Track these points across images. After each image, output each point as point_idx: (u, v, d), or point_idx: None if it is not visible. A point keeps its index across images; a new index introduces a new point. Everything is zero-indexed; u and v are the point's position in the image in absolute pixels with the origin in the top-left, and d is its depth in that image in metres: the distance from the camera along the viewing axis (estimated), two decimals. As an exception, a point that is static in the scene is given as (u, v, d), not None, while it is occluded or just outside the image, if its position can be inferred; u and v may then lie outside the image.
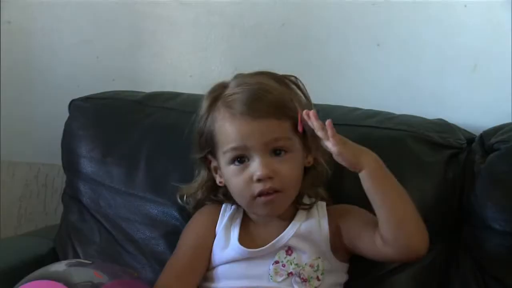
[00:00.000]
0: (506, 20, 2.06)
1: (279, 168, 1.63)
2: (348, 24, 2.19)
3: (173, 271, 1.73)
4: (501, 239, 1.78)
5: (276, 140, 1.65)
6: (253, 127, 1.63)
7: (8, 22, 2.40)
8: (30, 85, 2.40)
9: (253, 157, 1.63)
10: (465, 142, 1.94)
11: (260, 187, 1.62)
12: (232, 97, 1.66)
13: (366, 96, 2.02)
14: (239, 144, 1.64)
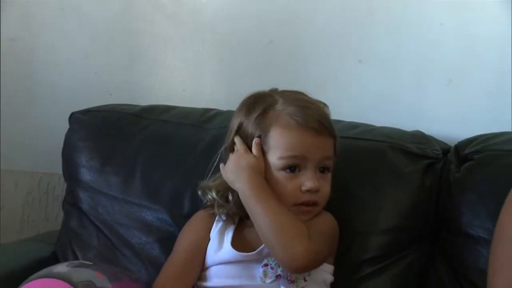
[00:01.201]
0: (479, 38, 2.08)
1: (322, 184, 1.66)
2: (332, 42, 2.20)
3: (170, 273, 1.74)
4: (475, 244, 1.79)
5: (328, 159, 1.69)
6: (317, 141, 1.66)
7: (13, 39, 2.40)
8: (32, 98, 2.41)
9: (306, 169, 1.65)
10: (441, 152, 1.95)
11: (307, 197, 1.65)
12: (294, 108, 1.67)
13: (348, 109, 2.02)
14: (301, 153, 1.65)
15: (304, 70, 2.17)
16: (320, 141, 1.65)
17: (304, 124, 1.63)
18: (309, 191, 1.64)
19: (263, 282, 1.66)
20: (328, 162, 1.68)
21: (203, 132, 1.94)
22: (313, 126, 1.64)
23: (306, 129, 1.64)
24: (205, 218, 1.79)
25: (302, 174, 1.65)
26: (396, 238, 1.86)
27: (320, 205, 1.67)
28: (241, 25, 2.27)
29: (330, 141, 1.67)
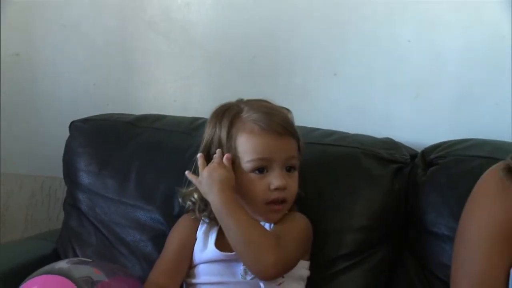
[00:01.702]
0: (444, 53, 2.10)
1: (289, 182, 1.67)
2: (310, 56, 2.21)
3: (161, 269, 1.74)
4: (440, 241, 1.80)
5: (292, 158, 1.69)
6: (280, 143, 1.67)
7: (17, 54, 2.40)
8: (35, 108, 2.41)
9: (273, 169, 1.66)
10: (409, 157, 1.96)
11: (276, 195, 1.66)
12: (256, 115, 1.68)
13: (324, 118, 2.03)
14: (266, 155, 1.66)
15: (283, 83, 2.18)
16: (283, 143, 1.67)
17: (267, 129, 1.65)
18: (277, 189, 1.64)
19: (243, 279, 1.67)
20: (293, 161, 1.69)
21: (192, 139, 1.94)
22: (275, 129, 1.65)
23: (269, 133, 1.65)
24: (191, 220, 1.79)
25: (270, 174, 1.66)
26: (368, 236, 1.86)
27: (288, 202, 1.68)
28: (227, 42, 2.28)
29: (293, 142, 1.68)
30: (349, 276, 1.84)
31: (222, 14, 2.28)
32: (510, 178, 1.54)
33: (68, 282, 1.60)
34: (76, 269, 1.65)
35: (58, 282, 1.60)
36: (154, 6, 2.33)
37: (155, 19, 2.33)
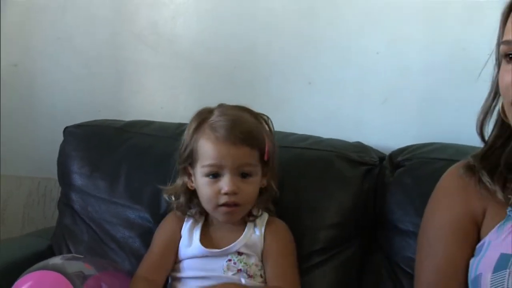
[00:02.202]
0: (409, 64, 2.11)
1: (243, 187, 1.66)
2: (286, 67, 2.21)
3: (148, 264, 1.74)
4: (405, 236, 1.81)
5: (246, 165, 1.67)
6: (230, 151, 1.65)
7: (15, 65, 2.39)
8: (32, 115, 2.40)
9: (225, 175, 1.65)
10: (377, 160, 1.96)
11: (226, 199, 1.65)
12: (218, 123, 1.67)
13: (300, 124, 2.04)
14: (217, 162, 1.65)
15: (263, 91, 2.18)
16: (236, 151, 1.65)
17: (221, 137, 1.64)
18: (227, 194, 1.64)
19: (225, 274, 1.67)
20: (247, 168, 1.67)
21: (178, 143, 1.91)
22: (228, 138, 1.64)
23: (222, 141, 1.65)
24: (176, 218, 1.79)
25: (222, 179, 1.65)
26: (340, 232, 1.87)
27: (242, 205, 1.68)
28: (210, 54, 2.27)
29: (248, 151, 1.66)
30: (323, 269, 1.84)
31: (206, 28, 2.28)
32: (469, 175, 1.55)
33: (61, 277, 1.60)
34: (69, 264, 1.65)
35: (52, 277, 1.60)
36: (143, 20, 2.32)
37: (144, 32, 2.32)
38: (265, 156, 1.69)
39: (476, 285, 1.49)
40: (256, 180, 1.69)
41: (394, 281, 1.83)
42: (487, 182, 1.52)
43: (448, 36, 2.06)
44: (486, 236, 1.51)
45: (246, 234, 1.71)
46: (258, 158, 1.69)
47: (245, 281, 1.67)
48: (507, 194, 1.51)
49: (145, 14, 2.32)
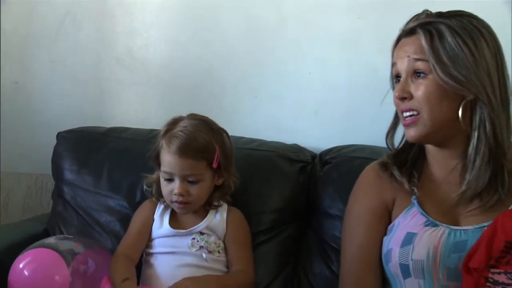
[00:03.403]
0: (335, 83, 2.12)
1: (191, 190, 1.67)
2: (237, 84, 2.20)
3: (127, 242, 1.73)
4: (333, 219, 1.82)
5: (191, 175, 1.66)
6: (178, 162, 1.65)
7: (16, 82, 2.35)
8: (30, 123, 2.36)
9: (176, 180, 1.66)
10: (310, 158, 1.97)
11: (175, 198, 1.66)
12: (174, 137, 1.66)
13: (249, 130, 2.03)
14: (168, 170, 1.67)
15: (218, 104, 2.16)
16: (181, 162, 1.65)
17: (172, 150, 1.66)
18: (176, 195, 1.66)
19: (190, 250, 1.67)
20: (192, 177, 1.67)
21: (150, 145, 1.88)
22: (177, 152, 1.65)
23: (172, 153, 1.66)
24: (150, 205, 1.79)
25: (174, 183, 1.66)
26: (281, 216, 1.88)
27: (193, 203, 1.68)
28: (176, 74, 2.25)
29: (192, 163, 1.65)
30: (268, 246, 1.85)
31: (171, 53, 2.26)
32: (383, 170, 1.57)
33: (55, 254, 1.60)
34: (62, 243, 1.65)
35: (47, 254, 1.59)
36: (121, 47, 2.29)
37: (122, 57, 2.29)
38: (213, 164, 1.68)
39: (388, 257, 1.51)
40: (204, 184, 1.69)
41: (323, 254, 1.83)
42: (397, 175, 1.54)
43: (364, 60, 2.07)
44: (396, 219, 1.53)
45: (208, 218, 1.72)
46: (205, 167, 1.68)
47: (205, 255, 1.67)
48: (412, 185, 1.53)
49: (123, 42, 2.29)
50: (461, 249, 1.41)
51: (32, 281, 1.55)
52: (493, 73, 1.42)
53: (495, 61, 1.44)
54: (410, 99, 1.44)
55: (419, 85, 1.43)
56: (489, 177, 1.42)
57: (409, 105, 1.44)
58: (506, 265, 1.29)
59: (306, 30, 2.12)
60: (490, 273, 1.30)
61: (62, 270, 1.56)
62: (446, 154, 1.50)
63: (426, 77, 1.42)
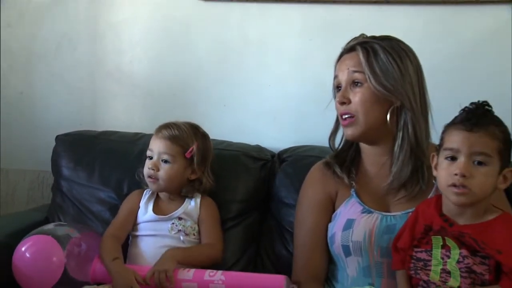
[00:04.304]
0: (290, 93, 2.13)
1: (161, 168, 1.68)
2: (208, 94, 2.19)
3: (115, 225, 1.73)
4: (289, 207, 1.82)
5: (164, 154, 1.68)
6: (157, 141, 1.69)
7: (21, 92, 2.32)
8: (33, 127, 2.33)
9: (153, 157, 1.69)
10: (270, 157, 1.97)
11: (148, 173, 1.70)
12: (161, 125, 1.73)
13: (218, 133, 1.99)
14: (150, 148, 1.70)
15: (192, 111, 2.14)
16: (158, 141, 1.69)
17: (155, 132, 1.72)
18: (149, 169, 1.67)
19: (170, 233, 1.66)
20: (165, 156, 1.68)
21: (135, 146, 1.91)
22: (156, 132, 1.71)
23: (154, 135, 1.72)
24: (137, 194, 1.78)
25: (152, 159, 1.69)
26: (245, 205, 1.88)
27: (161, 180, 1.68)
28: (157, 85, 2.24)
29: (166, 142, 1.68)
30: (235, 230, 1.85)
31: (153, 68, 2.24)
32: (327, 168, 1.60)
33: (52, 239, 1.60)
34: (58, 229, 1.67)
35: (45, 239, 1.59)
36: (110, 62, 2.27)
37: (111, 71, 2.27)
38: (187, 153, 1.69)
39: (332, 240, 1.52)
40: (174, 167, 1.68)
41: (281, 237, 1.84)
42: (338, 172, 1.56)
43: (313, 75, 2.08)
44: (338, 208, 1.55)
45: (184, 205, 1.72)
46: (180, 153, 1.69)
47: (183, 238, 1.67)
48: (351, 180, 1.55)
49: (112, 59, 2.27)
50: (391, 231, 1.43)
51: (33, 262, 1.55)
52: (415, 85, 1.47)
53: (417, 76, 1.48)
54: (348, 104, 1.48)
55: (356, 92, 1.47)
56: (411, 170, 1.46)
57: (347, 109, 1.48)
58: (426, 244, 1.31)
59: (266, 49, 2.13)
60: (414, 251, 1.33)
61: (58, 252, 1.56)
62: (377, 151, 1.53)
63: (362, 86, 1.47)
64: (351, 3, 2.01)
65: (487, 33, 1.95)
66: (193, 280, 1.51)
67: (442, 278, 1.27)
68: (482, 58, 1.96)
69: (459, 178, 1.22)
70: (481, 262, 1.24)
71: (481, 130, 1.23)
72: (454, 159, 1.25)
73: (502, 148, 1.24)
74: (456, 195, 1.24)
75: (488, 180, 1.24)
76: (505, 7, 1.92)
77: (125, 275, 1.54)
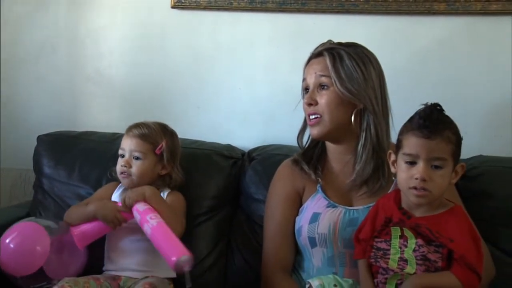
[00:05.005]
0: (259, 95, 2.10)
1: (133, 164, 1.64)
2: (183, 96, 2.16)
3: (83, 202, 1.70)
4: (258, 203, 1.80)
5: (135, 151, 1.65)
6: (128, 140, 1.66)
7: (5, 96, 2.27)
8: (17, 129, 2.27)
9: (125, 155, 1.65)
10: (240, 155, 1.95)
11: (121, 169, 1.65)
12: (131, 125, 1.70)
13: (192, 133, 1.99)
14: (122, 147, 1.67)
15: (167, 113, 2.09)
16: (129, 140, 1.65)
17: (126, 131, 1.69)
18: (122, 166, 1.64)
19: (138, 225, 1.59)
20: (136, 153, 1.64)
21: (113, 146, 1.85)
22: (127, 131, 1.68)
23: (125, 134, 1.68)
24: (112, 186, 1.75)
25: (124, 157, 1.65)
26: (217, 201, 1.85)
27: (133, 176, 1.64)
28: (133, 88, 2.20)
29: (136, 140, 1.64)
30: (207, 225, 1.82)
31: (130, 72, 2.20)
32: (295, 165, 1.60)
33: (38, 226, 1.58)
34: (41, 221, 1.63)
35: (32, 226, 1.58)
36: (90, 67, 2.22)
37: (91, 74, 2.23)
38: (157, 150, 1.66)
39: (299, 232, 1.52)
40: (145, 163, 1.65)
41: (251, 230, 1.82)
42: (306, 169, 1.56)
43: (281, 78, 2.07)
44: (305, 202, 1.55)
45: None
46: (150, 150, 1.65)
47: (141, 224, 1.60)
48: (317, 176, 1.55)
49: (91, 64, 2.23)
50: (354, 224, 1.43)
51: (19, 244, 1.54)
52: (377, 90, 1.47)
53: (379, 81, 1.49)
54: (315, 105, 1.49)
55: (323, 95, 1.48)
56: (372, 168, 1.47)
57: (314, 109, 1.49)
58: (385, 235, 1.32)
59: (237, 55, 2.11)
60: (374, 242, 1.33)
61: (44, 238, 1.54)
62: (341, 150, 1.54)
63: (328, 89, 1.47)
64: (315, 13, 2.01)
65: (437, 41, 1.96)
66: (141, 213, 1.49)
67: (400, 266, 1.28)
68: (433, 64, 1.98)
69: (420, 182, 1.25)
70: (435, 251, 1.26)
71: (437, 137, 1.25)
72: (413, 163, 1.26)
73: (455, 150, 1.28)
74: (416, 196, 1.27)
75: (445, 181, 1.27)
76: (453, 18, 1.94)
77: (108, 205, 1.58)
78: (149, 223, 1.45)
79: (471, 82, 1.95)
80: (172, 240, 1.41)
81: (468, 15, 1.92)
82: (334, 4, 1.98)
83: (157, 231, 1.43)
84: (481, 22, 1.92)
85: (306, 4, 2.00)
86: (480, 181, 1.68)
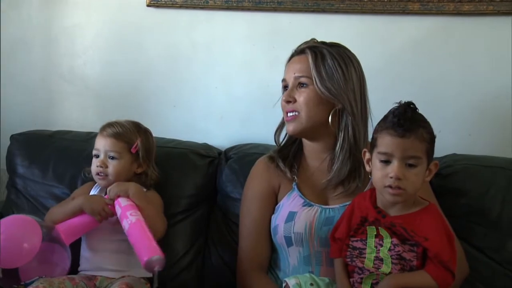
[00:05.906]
0: (236, 94, 2.08)
1: (109, 164, 1.61)
2: (159, 95, 2.13)
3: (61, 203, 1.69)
4: (235, 201, 1.79)
5: (111, 151, 1.62)
6: (102, 140, 1.63)
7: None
8: None
9: (100, 156, 1.62)
10: (217, 154, 1.93)
11: (96, 170, 1.62)
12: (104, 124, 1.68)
13: (168, 132, 1.97)
14: (96, 147, 1.64)
15: (143, 111, 2.07)
16: (103, 140, 1.63)
17: (100, 131, 1.66)
18: (97, 166, 1.61)
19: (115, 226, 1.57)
20: (111, 153, 1.62)
21: (88, 145, 1.81)
22: (100, 131, 1.65)
23: (99, 133, 1.66)
24: (88, 186, 1.72)
25: (100, 158, 1.63)
26: (194, 200, 1.84)
27: (109, 176, 1.62)
28: (109, 87, 2.16)
29: (111, 140, 1.62)
30: (184, 223, 1.81)
31: (105, 70, 2.16)
32: (271, 162, 1.59)
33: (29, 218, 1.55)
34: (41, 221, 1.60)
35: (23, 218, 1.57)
36: (64, 65, 2.18)
37: (66, 73, 2.18)
38: (132, 149, 1.64)
39: (275, 231, 1.51)
40: (122, 162, 1.63)
41: (227, 228, 1.81)
42: (281, 166, 1.55)
43: (257, 77, 2.05)
44: (281, 200, 1.54)
45: None
46: (125, 149, 1.63)
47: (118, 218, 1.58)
48: (293, 174, 1.55)
49: (65, 62, 2.19)
50: (330, 223, 1.43)
51: None
52: (357, 92, 1.47)
53: (360, 84, 1.49)
54: (294, 102, 1.49)
55: (302, 92, 1.48)
56: (349, 169, 1.46)
57: (292, 107, 1.49)
58: (361, 234, 1.32)
59: (213, 53, 2.09)
60: (350, 241, 1.33)
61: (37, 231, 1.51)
62: (318, 148, 1.53)
63: (307, 87, 1.47)
64: (291, 11, 1.99)
65: (412, 41, 1.97)
66: (122, 208, 1.49)
67: (375, 265, 1.28)
68: (407, 64, 1.98)
69: (394, 180, 1.24)
70: (410, 250, 1.27)
71: (412, 136, 1.25)
72: (388, 162, 1.26)
73: (429, 148, 1.28)
74: (391, 195, 1.27)
75: (419, 179, 1.27)
76: (427, 18, 1.94)
77: (95, 198, 1.58)
78: (128, 219, 1.45)
79: (446, 82, 1.96)
80: (147, 239, 1.40)
81: (441, 15, 1.93)
82: (310, 3, 1.97)
83: (134, 228, 1.43)
84: (455, 23, 1.94)
85: (282, 3, 1.99)
86: (454, 179, 1.69)
